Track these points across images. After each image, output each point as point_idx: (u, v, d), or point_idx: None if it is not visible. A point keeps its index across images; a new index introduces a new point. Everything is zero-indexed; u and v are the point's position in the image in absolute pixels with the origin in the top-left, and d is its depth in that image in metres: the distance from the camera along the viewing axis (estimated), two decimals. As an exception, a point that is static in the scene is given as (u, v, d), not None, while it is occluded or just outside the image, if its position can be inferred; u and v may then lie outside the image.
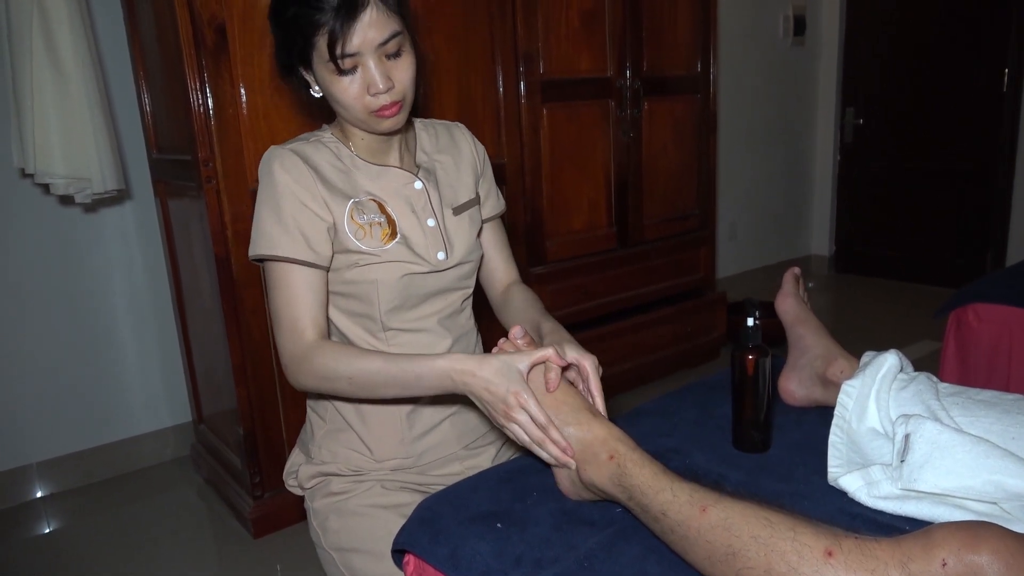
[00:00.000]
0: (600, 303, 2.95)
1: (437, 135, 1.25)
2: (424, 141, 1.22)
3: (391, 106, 1.03)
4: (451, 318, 1.21)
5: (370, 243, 1.10)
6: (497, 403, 0.95)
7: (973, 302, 1.93)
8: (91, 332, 2.58)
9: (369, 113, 1.03)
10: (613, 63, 2.84)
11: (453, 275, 1.18)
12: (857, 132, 4.69)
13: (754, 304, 1.06)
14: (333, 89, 1.03)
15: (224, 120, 1.98)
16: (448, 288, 1.18)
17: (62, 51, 2.09)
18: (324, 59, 0.99)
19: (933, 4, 4.25)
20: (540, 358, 0.96)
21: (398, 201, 1.14)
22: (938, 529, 0.67)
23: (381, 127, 1.06)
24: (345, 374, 1.02)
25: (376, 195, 1.12)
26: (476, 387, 0.96)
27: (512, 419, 0.94)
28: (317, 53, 1.00)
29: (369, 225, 1.10)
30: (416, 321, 1.16)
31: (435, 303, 1.18)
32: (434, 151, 1.22)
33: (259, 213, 1.07)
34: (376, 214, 1.11)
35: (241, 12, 1.97)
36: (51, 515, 2.44)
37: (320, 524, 1.18)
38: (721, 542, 0.75)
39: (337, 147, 1.13)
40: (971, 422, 0.94)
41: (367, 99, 1.02)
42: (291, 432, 2.22)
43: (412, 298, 1.14)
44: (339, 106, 1.05)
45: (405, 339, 1.16)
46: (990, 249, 4.23)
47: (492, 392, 0.95)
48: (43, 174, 2.15)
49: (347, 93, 1.02)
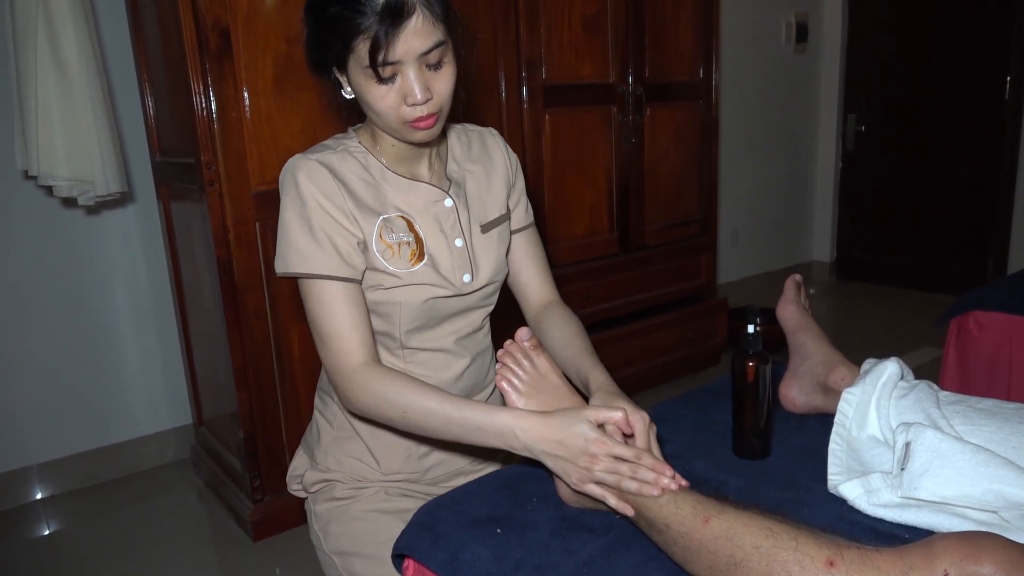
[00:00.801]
0: (601, 308, 2.95)
1: (470, 143, 1.20)
2: (456, 149, 1.17)
3: (427, 118, 0.98)
4: (469, 337, 1.18)
5: (398, 264, 1.06)
6: (577, 457, 0.88)
7: (974, 310, 1.93)
8: (92, 334, 2.58)
9: (403, 123, 0.98)
10: (615, 69, 2.85)
11: (476, 296, 1.15)
12: (859, 139, 4.69)
13: (754, 311, 1.06)
14: (368, 95, 0.97)
15: (227, 123, 1.99)
16: (470, 307, 1.15)
17: (66, 54, 2.10)
18: (363, 64, 0.94)
19: (935, 10, 4.25)
20: (606, 420, 0.90)
21: (427, 219, 1.09)
22: (940, 540, 0.67)
23: (414, 137, 1.02)
24: (400, 406, 0.98)
25: (405, 212, 1.08)
26: (547, 448, 0.89)
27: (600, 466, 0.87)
28: (355, 57, 0.94)
29: (398, 245, 1.06)
30: (435, 341, 1.14)
31: (455, 323, 1.15)
32: (465, 160, 1.17)
33: (286, 227, 1.02)
34: (405, 233, 1.07)
35: (245, 16, 1.97)
36: (51, 517, 2.44)
37: (322, 528, 1.18)
38: (723, 552, 0.75)
39: (365, 157, 1.08)
40: (971, 431, 0.94)
41: (403, 109, 0.97)
42: (291, 436, 2.22)
43: (434, 319, 1.12)
44: (372, 112, 1.00)
45: (422, 358, 1.14)
46: (991, 256, 4.23)
47: (567, 447, 0.88)
48: (46, 176, 2.16)
49: (383, 101, 0.97)
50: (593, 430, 0.88)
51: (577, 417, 0.89)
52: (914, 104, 4.42)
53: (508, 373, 0.99)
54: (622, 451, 0.88)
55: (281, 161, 1.08)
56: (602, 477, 0.88)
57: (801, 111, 4.68)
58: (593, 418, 0.90)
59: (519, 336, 1.00)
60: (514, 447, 0.92)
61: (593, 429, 0.89)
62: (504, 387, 0.98)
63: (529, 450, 0.91)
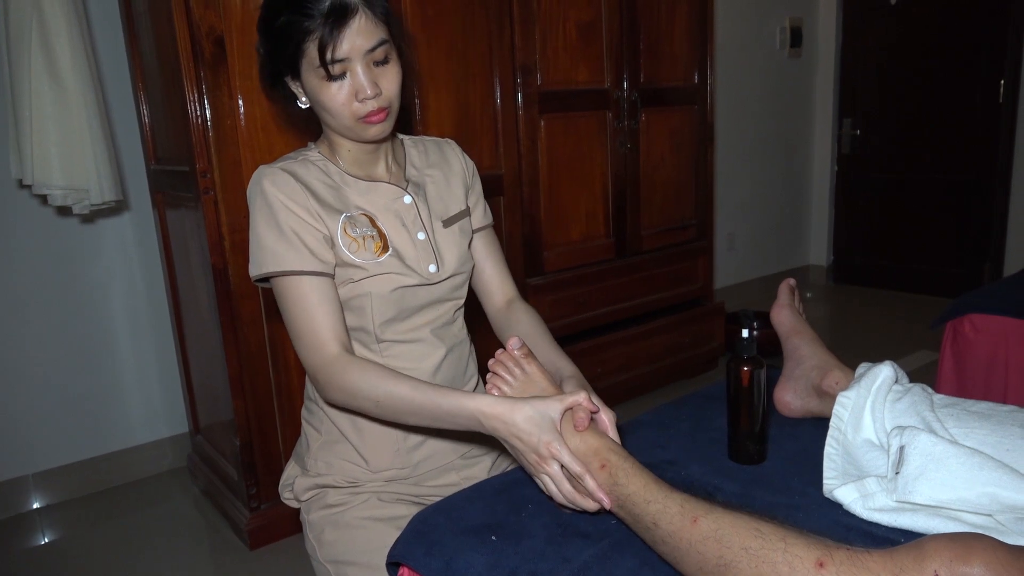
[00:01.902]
0: (598, 313, 2.95)
1: (427, 151, 1.26)
2: (414, 157, 1.24)
3: (378, 112, 1.05)
4: (444, 328, 1.21)
5: (364, 255, 1.10)
6: (528, 453, 0.93)
7: (969, 313, 1.93)
8: (88, 342, 2.57)
9: (356, 120, 1.05)
10: (610, 74, 2.85)
11: (445, 287, 1.19)
12: (854, 143, 4.71)
13: (749, 315, 1.06)
14: (322, 96, 1.04)
15: (222, 131, 1.99)
16: (440, 299, 1.19)
17: (61, 62, 2.10)
18: (314, 65, 1.01)
19: (930, 15, 4.27)
20: (572, 403, 0.95)
21: (388, 215, 1.15)
22: (930, 541, 0.67)
23: (368, 134, 1.07)
24: (372, 396, 1.01)
25: (367, 210, 1.13)
26: (506, 434, 0.94)
27: (543, 470, 0.92)
28: (307, 60, 1.01)
29: (362, 238, 1.11)
30: (409, 332, 1.17)
31: (427, 314, 1.18)
32: (424, 166, 1.23)
33: (257, 232, 1.07)
34: (368, 228, 1.12)
35: (239, 24, 1.98)
36: (48, 526, 2.43)
37: (316, 536, 1.18)
38: (712, 553, 0.75)
39: (325, 164, 1.14)
40: (966, 434, 0.94)
41: (355, 105, 1.04)
42: (288, 444, 2.22)
43: (405, 310, 1.15)
44: (327, 113, 1.06)
45: (399, 350, 1.17)
46: (987, 260, 4.24)
47: (524, 441, 0.93)
48: (41, 185, 2.16)
49: (335, 99, 1.03)
50: (551, 432, 0.92)
51: (542, 415, 0.93)
52: (909, 108, 4.43)
53: (499, 381, 1.02)
54: (569, 462, 0.91)
55: (276, 169, 1.11)
56: (546, 482, 0.93)
57: (796, 115, 4.69)
58: (559, 409, 0.94)
59: (511, 345, 1.02)
60: (481, 431, 0.97)
61: (552, 431, 0.92)
62: (495, 394, 1.00)
63: (494, 433, 0.96)
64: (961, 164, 4.27)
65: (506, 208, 2.61)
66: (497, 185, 2.57)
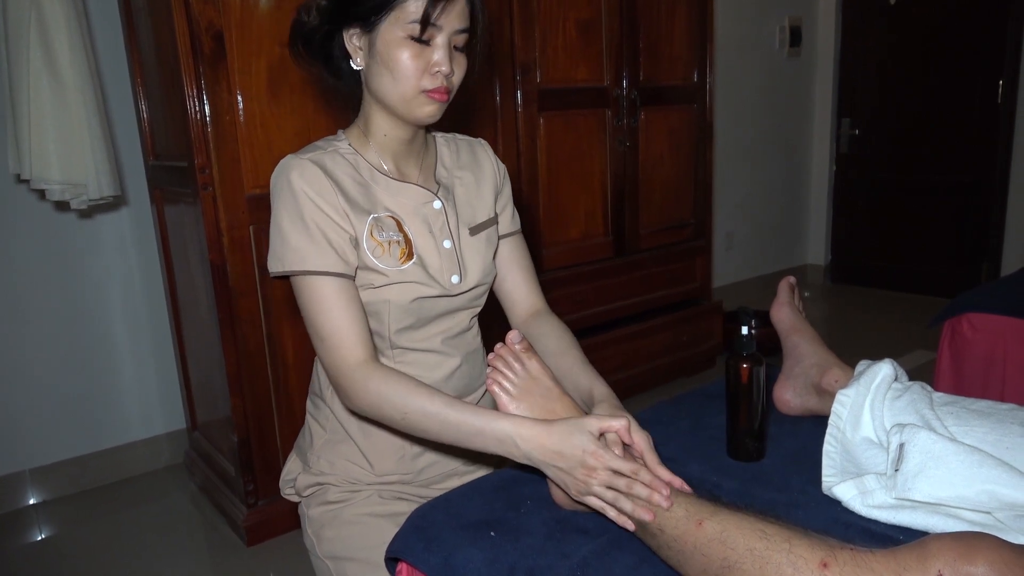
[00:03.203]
0: (597, 312, 2.95)
1: (459, 151, 1.22)
2: (445, 156, 1.20)
3: (442, 91, 1.03)
4: (458, 337, 1.18)
5: (387, 261, 1.07)
6: (575, 469, 0.87)
7: (967, 312, 1.93)
8: (85, 338, 2.57)
9: (419, 91, 1.02)
10: (610, 73, 2.85)
11: (465, 297, 1.16)
12: (853, 142, 4.71)
13: (748, 313, 1.06)
14: (398, 54, 1.00)
15: (221, 127, 1.98)
16: (458, 308, 1.16)
17: (59, 57, 2.09)
18: (406, 20, 0.98)
19: (929, 15, 4.27)
20: (609, 428, 0.89)
21: (416, 220, 1.11)
22: (933, 540, 0.67)
23: (423, 111, 1.04)
24: (400, 408, 0.97)
25: (394, 212, 1.10)
26: (545, 457, 0.88)
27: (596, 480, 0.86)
28: (399, 12, 0.98)
29: (388, 243, 1.07)
30: (423, 341, 1.14)
31: (443, 323, 1.15)
32: (455, 167, 1.20)
33: (280, 226, 1.03)
34: (394, 232, 1.08)
35: (239, 20, 1.97)
36: (44, 522, 2.42)
37: (315, 532, 1.17)
38: (717, 555, 0.75)
39: (355, 159, 1.10)
40: (965, 432, 0.94)
41: (425, 77, 1.01)
42: (285, 440, 2.22)
43: (422, 320, 1.12)
44: (390, 76, 1.02)
45: (412, 357, 1.14)
46: (985, 260, 4.24)
47: (566, 457, 0.87)
48: (38, 180, 2.15)
49: (409, 64, 1.00)
50: (592, 442, 0.87)
51: (578, 428, 0.88)
52: (908, 108, 4.44)
53: (499, 376, 0.97)
54: (619, 465, 0.86)
55: (275, 165, 1.09)
56: (599, 492, 0.87)
57: (795, 115, 4.70)
58: (596, 427, 0.88)
59: (509, 339, 0.98)
60: (513, 455, 0.91)
61: (593, 441, 0.87)
62: (495, 391, 0.96)
63: (529, 459, 0.90)
64: (959, 164, 4.27)
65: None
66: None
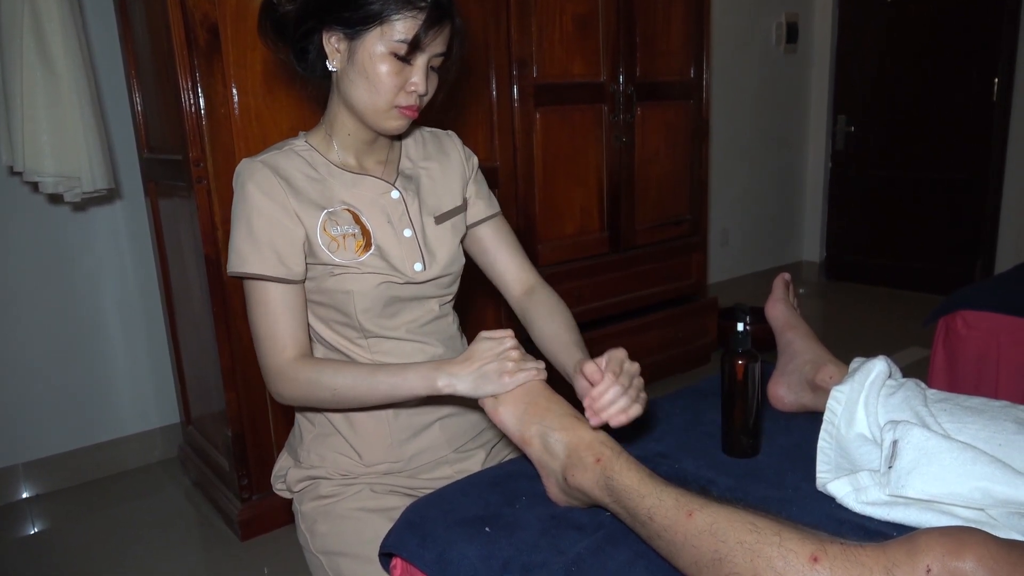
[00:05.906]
0: (592, 307, 2.95)
1: (425, 142, 1.24)
2: (410, 148, 1.22)
3: (414, 108, 1.07)
4: (432, 324, 1.20)
5: (344, 255, 1.09)
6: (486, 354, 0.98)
7: (961, 309, 1.94)
8: (79, 332, 2.56)
9: (391, 107, 1.05)
10: (606, 68, 2.85)
11: (432, 285, 1.17)
12: (849, 139, 4.72)
13: (744, 310, 1.06)
14: (377, 67, 1.02)
15: (215, 120, 1.97)
16: (425, 296, 1.18)
17: (53, 49, 2.08)
18: (393, 39, 1.01)
19: (925, 12, 4.28)
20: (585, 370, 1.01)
21: (374, 211, 1.13)
22: (923, 535, 0.67)
23: (392, 125, 1.08)
24: (329, 386, 1.04)
25: (351, 205, 1.12)
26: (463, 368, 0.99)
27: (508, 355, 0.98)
28: (386, 29, 1.01)
29: (343, 237, 1.10)
30: (396, 329, 1.16)
31: (413, 311, 1.17)
32: (420, 158, 1.22)
33: (232, 229, 1.08)
34: (350, 225, 1.10)
35: (234, 12, 1.96)
36: (37, 516, 2.42)
37: (308, 527, 1.17)
38: (707, 547, 0.75)
39: (311, 155, 1.12)
40: (959, 428, 0.94)
41: (401, 94, 1.05)
42: (280, 435, 2.21)
43: (389, 307, 1.14)
44: (365, 85, 1.04)
45: (388, 347, 1.16)
46: (980, 257, 4.26)
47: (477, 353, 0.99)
48: (32, 172, 2.14)
49: (388, 79, 1.03)
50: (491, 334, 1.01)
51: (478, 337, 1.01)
52: (904, 105, 4.44)
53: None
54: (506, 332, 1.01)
55: (270, 159, 1.10)
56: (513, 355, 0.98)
57: (791, 111, 4.70)
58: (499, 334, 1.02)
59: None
60: (439, 387, 0.99)
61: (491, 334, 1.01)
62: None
63: (452, 380, 0.99)
64: (954, 161, 4.28)
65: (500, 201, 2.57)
66: (492, 178, 2.56)
